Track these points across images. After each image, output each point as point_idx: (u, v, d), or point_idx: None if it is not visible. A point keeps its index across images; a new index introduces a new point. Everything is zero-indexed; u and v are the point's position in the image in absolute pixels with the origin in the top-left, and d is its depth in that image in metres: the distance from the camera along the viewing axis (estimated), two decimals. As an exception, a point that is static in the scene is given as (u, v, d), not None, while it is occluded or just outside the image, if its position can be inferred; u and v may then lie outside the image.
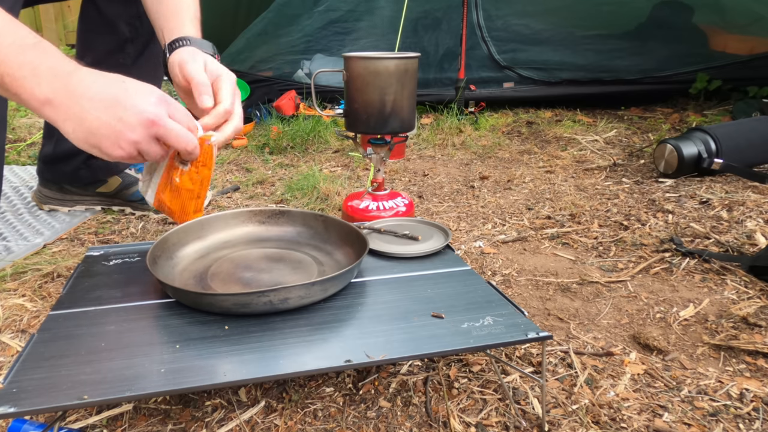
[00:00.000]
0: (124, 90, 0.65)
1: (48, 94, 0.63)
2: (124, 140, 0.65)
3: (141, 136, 0.66)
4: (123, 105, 0.64)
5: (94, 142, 0.65)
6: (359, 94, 1.14)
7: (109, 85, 0.65)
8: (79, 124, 0.64)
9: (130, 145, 0.66)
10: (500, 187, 1.64)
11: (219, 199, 1.55)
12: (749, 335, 0.90)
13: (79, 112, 0.63)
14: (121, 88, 0.65)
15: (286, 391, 0.79)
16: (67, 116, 0.64)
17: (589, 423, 0.72)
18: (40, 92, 0.63)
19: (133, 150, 0.67)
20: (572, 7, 2.56)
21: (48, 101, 0.63)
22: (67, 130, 0.65)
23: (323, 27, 2.57)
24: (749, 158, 1.61)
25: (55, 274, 1.11)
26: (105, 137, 0.65)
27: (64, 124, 0.64)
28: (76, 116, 0.64)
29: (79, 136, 0.65)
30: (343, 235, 0.93)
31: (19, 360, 0.63)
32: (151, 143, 0.67)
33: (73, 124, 0.64)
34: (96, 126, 0.64)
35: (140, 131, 0.65)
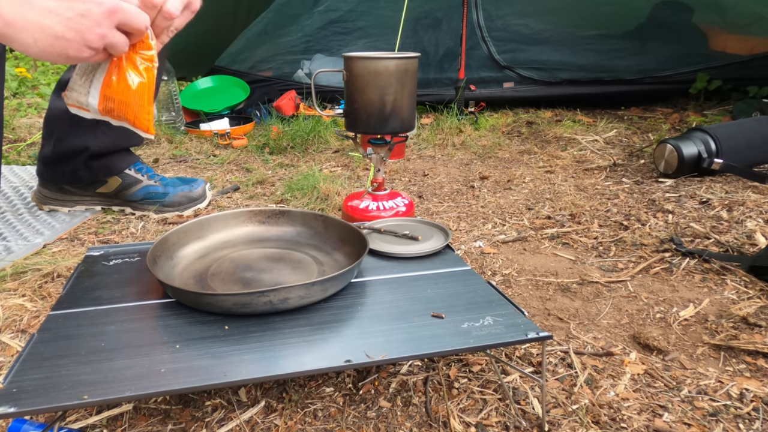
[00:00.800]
0: None
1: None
2: (91, 36, 0.60)
3: (107, 28, 0.61)
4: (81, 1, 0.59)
5: (60, 48, 0.60)
6: (359, 94, 1.14)
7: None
8: (41, 33, 0.58)
9: (98, 40, 0.61)
10: (500, 187, 1.64)
11: (219, 199, 1.55)
12: (749, 335, 0.90)
13: (35, 17, 0.58)
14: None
15: (286, 391, 0.79)
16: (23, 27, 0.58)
17: (589, 423, 0.72)
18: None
19: (100, 45, 0.62)
20: (572, 7, 2.56)
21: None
22: (27, 41, 0.59)
23: (323, 27, 2.57)
24: (749, 158, 1.61)
25: (55, 274, 1.11)
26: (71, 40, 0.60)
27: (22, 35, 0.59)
28: (34, 24, 0.58)
29: (41, 45, 0.59)
30: (343, 235, 0.93)
31: (19, 360, 0.63)
32: (116, 33, 0.62)
33: (32, 34, 0.59)
34: (60, 30, 0.59)
35: (105, 23, 0.61)
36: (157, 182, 1.43)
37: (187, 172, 1.81)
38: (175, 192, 1.43)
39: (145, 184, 1.42)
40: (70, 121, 1.32)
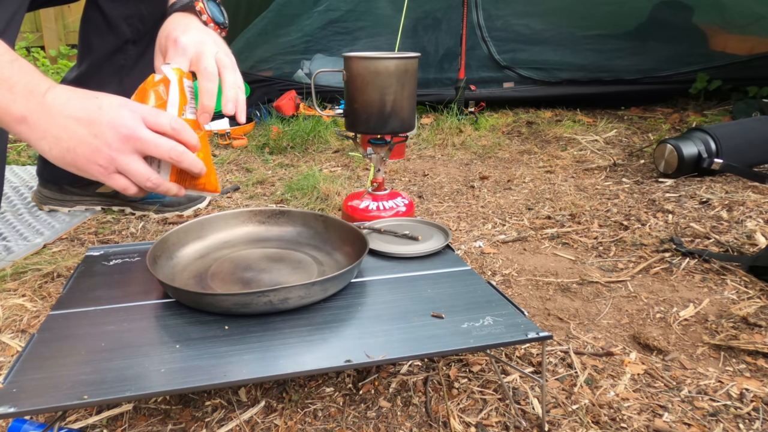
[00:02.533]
0: (98, 107, 0.64)
1: (23, 112, 0.62)
2: (101, 157, 0.64)
3: (118, 152, 0.64)
4: (98, 121, 0.63)
5: (71, 160, 0.65)
6: (359, 94, 1.14)
7: (83, 102, 0.64)
8: (55, 143, 0.63)
9: (107, 162, 0.65)
10: (500, 187, 1.64)
11: (219, 199, 1.55)
12: (749, 335, 0.90)
13: (54, 130, 0.63)
14: (95, 105, 0.64)
15: (286, 391, 0.79)
16: (42, 135, 0.63)
17: (589, 423, 0.72)
18: (16, 109, 0.62)
19: (110, 166, 0.65)
20: (572, 7, 2.56)
21: (23, 119, 0.63)
22: (43, 148, 0.64)
23: (323, 27, 2.57)
24: (749, 158, 1.61)
25: (55, 274, 1.11)
26: (82, 155, 0.64)
27: (40, 142, 0.64)
28: (51, 135, 0.63)
29: (55, 154, 0.64)
30: (343, 235, 0.93)
31: (19, 360, 0.63)
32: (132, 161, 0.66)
33: (49, 142, 0.64)
34: (73, 144, 0.63)
35: (117, 146, 0.64)
36: (157, 182, 1.43)
37: (187, 172, 1.81)
38: (175, 192, 1.43)
39: (145, 184, 1.41)
40: None
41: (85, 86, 1.29)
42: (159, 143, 0.66)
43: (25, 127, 0.63)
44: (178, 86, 0.74)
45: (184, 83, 0.75)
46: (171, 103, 0.73)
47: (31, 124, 0.63)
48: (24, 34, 3.92)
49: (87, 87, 1.30)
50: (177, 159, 0.68)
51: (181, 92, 0.74)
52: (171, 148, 0.67)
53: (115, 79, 1.29)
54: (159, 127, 0.67)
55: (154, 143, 0.66)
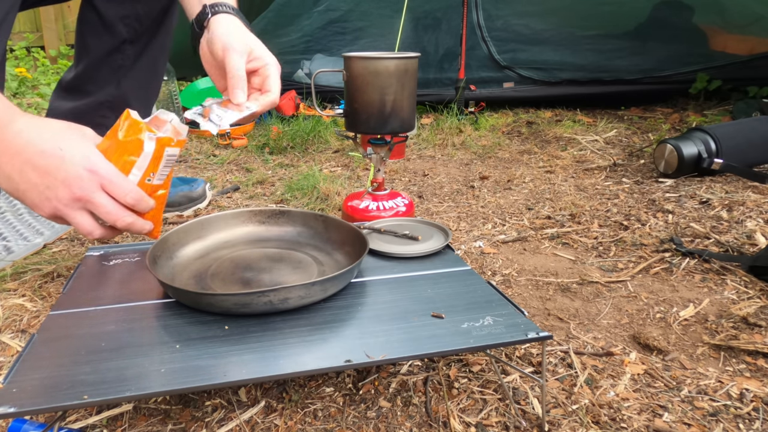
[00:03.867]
0: (60, 161, 0.62)
1: None
2: (49, 206, 0.64)
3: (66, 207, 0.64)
4: (54, 176, 0.62)
5: (19, 198, 0.65)
6: (359, 94, 1.14)
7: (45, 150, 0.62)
8: (6, 180, 0.63)
9: (53, 212, 0.65)
10: (500, 187, 1.64)
11: (219, 199, 1.55)
12: (749, 335, 0.90)
13: (8, 169, 0.62)
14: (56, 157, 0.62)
15: (286, 391, 0.79)
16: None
17: (589, 423, 0.72)
18: None
19: (54, 215, 0.66)
20: (572, 7, 2.56)
21: None
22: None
23: (323, 27, 2.57)
24: (749, 158, 1.61)
25: (55, 274, 1.11)
26: (30, 200, 0.64)
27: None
28: (4, 173, 0.62)
29: (4, 187, 0.64)
30: (343, 235, 0.93)
31: (19, 360, 0.63)
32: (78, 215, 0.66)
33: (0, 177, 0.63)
34: (23, 188, 0.63)
35: (67, 202, 0.64)
36: (157, 182, 1.43)
37: (187, 172, 1.81)
38: (175, 192, 1.43)
39: (145, 185, 1.41)
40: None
41: (83, 87, 1.30)
42: (109, 211, 0.66)
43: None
44: (151, 156, 0.71)
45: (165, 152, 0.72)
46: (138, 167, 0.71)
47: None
48: (24, 34, 3.92)
49: (84, 88, 1.30)
50: (124, 228, 0.69)
51: (153, 161, 0.72)
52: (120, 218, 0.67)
53: (112, 79, 1.29)
54: (116, 197, 0.67)
55: (105, 210, 0.66)
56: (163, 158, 0.73)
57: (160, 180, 0.75)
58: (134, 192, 0.67)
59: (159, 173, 0.73)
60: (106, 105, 1.31)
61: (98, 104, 1.31)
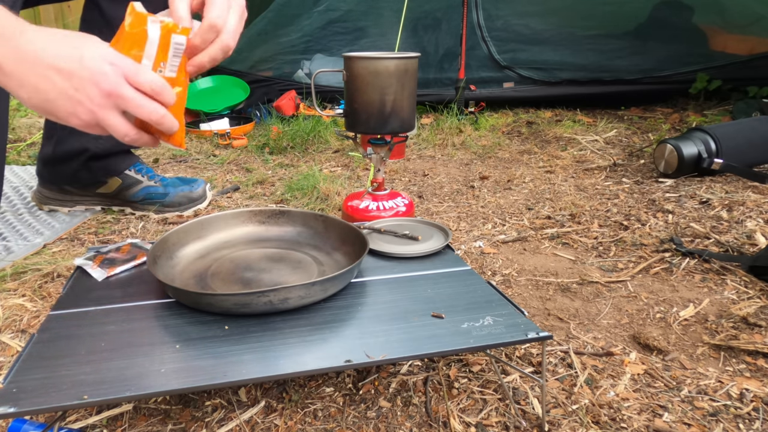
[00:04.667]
0: (79, 59, 0.60)
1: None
2: (82, 111, 0.62)
3: (99, 107, 0.62)
4: (79, 75, 0.60)
5: (51, 110, 0.62)
6: (359, 94, 1.14)
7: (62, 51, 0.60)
8: (35, 93, 0.61)
9: (87, 115, 0.62)
10: (500, 187, 1.64)
11: (219, 199, 1.55)
12: (749, 335, 0.90)
13: (33, 80, 0.60)
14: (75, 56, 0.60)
15: (286, 391, 0.79)
16: (20, 84, 0.60)
17: (589, 423, 0.72)
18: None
19: (91, 120, 0.63)
20: (572, 7, 2.56)
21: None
22: (21, 97, 0.62)
23: (323, 27, 2.57)
24: (749, 158, 1.61)
25: (55, 274, 1.11)
26: (62, 108, 0.62)
27: (18, 91, 0.61)
28: (30, 85, 0.60)
29: (34, 103, 0.62)
30: (343, 235, 0.93)
31: (19, 360, 0.63)
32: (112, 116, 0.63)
33: (27, 92, 0.61)
34: (53, 96, 0.61)
35: (99, 101, 0.61)
36: (157, 183, 1.43)
37: (187, 172, 1.81)
38: (176, 192, 1.43)
39: (146, 185, 1.41)
40: None
41: None
42: (141, 104, 0.63)
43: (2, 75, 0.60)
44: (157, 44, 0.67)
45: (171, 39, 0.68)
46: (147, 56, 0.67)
47: (6, 72, 0.60)
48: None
49: None
50: (157, 121, 0.66)
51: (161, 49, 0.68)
52: (153, 110, 0.64)
53: None
54: (139, 86, 0.64)
55: (136, 103, 0.63)
56: (171, 46, 0.69)
57: (172, 72, 0.70)
58: (157, 80, 0.64)
59: (169, 63, 0.69)
60: None
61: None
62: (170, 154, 2.00)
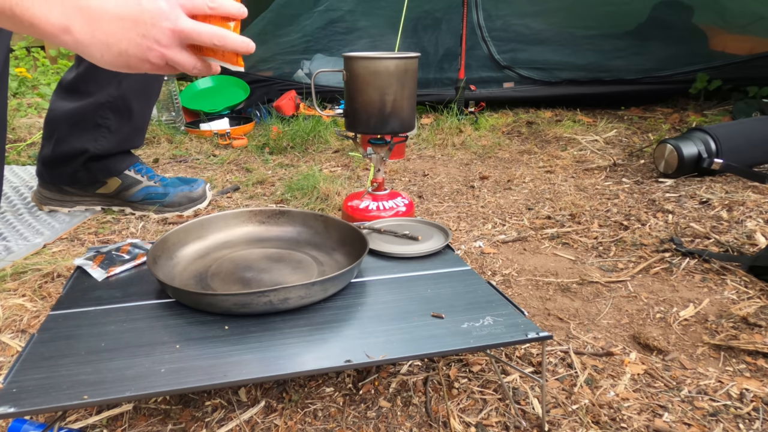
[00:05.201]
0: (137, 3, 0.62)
1: (63, 21, 0.60)
2: (153, 55, 0.64)
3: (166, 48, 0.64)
4: (142, 20, 0.62)
5: (124, 62, 0.64)
6: (359, 94, 1.14)
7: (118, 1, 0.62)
8: (106, 49, 0.62)
9: (159, 59, 0.65)
10: (500, 187, 1.64)
11: (219, 199, 1.55)
12: (749, 335, 0.90)
13: (101, 36, 0.61)
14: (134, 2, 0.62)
15: (286, 391, 0.79)
16: (90, 42, 0.62)
17: (589, 423, 0.72)
18: (55, 19, 0.59)
19: (162, 62, 0.65)
20: (572, 7, 2.56)
21: (65, 29, 0.60)
22: (94, 55, 0.63)
23: (323, 27, 2.57)
24: (749, 158, 1.61)
25: (55, 274, 1.11)
26: (134, 56, 0.63)
27: (89, 49, 0.63)
28: (99, 41, 0.62)
29: (108, 60, 0.64)
30: (343, 235, 0.93)
31: (19, 360, 0.63)
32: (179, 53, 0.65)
33: (99, 49, 0.62)
34: (123, 47, 0.62)
35: (166, 42, 0.64)
36: (157, 183, 1.43)
37: (187, 172, 1.81)
38: (175, 192, 1.43)
39: (145, 185, 1.42)
40: (70, 123, 1.32)
41: (84, 88, 1.30)
42: (201, 31, 0.65)
43: (70, 37, 0.61)
44: None
45: None
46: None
47: (74, 32, 0.61)
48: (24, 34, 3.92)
49: (85, 88, 1.31)
50: (221, 44, 0.67)
51: None
52: (213, 34, 0.65)
53: (113, 80, 1.29)
54: (198, 11, 0.65)
55: (196, 32, 0.65)
56: None
57: None
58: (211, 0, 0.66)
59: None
60: (107, 105, 1.31)
61: (99, 105, 1.31)
62: (170, 155, 2.00)
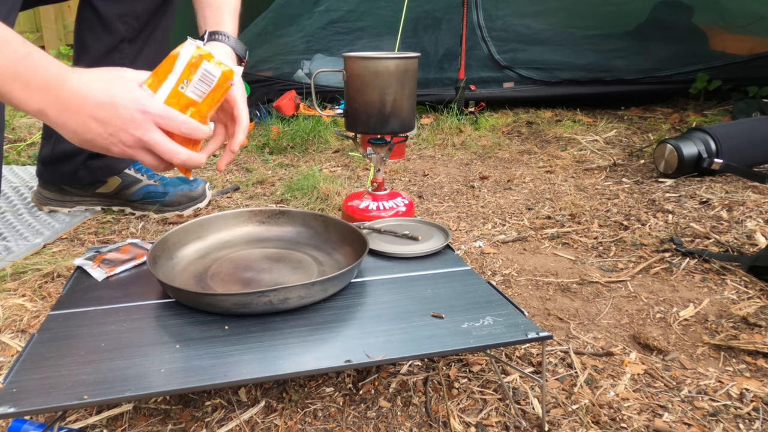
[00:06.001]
0: (114, 109, 0.68)
1: (40, 106, 0.66)
2: (115, 149, 0.70)
3: (131, 147, 0.71)
4: (113, 125, 0.68)
5: (88, 146, 0.71)
6: (359, 94, 1.14)
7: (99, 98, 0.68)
8: (73, 134, 0.69)
9: (121, 152, 0.71)
10: (500, 187, 1.64)
11: (219, 199, 1.55)
12: (749, 335, 0.90)
13: (73, 125, 0.68)
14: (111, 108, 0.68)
15: (286, 391, 0.79)
16: (62, 127, 0.69)
17: (589, 423, 0.72)
18: (33, 104, 0.66)
19: (124, 154, 0.71)
20: (572, 7, 2.56)
21: (41, 112, 0.67)
22: (62, 133, 0.70)
23: (323, 27, 2.57)
24: (749, 158, 1.61)
25: (55, 274, 1.11)
26: (99, 146, 0.70)
27: (60, 130, 0.69)
28: (70, 128, 0.68)
29: (74, 141, 0.70)
30: (343, 235, 0.93)
31: (19, 360, 0.63)
32: (141, 154, 0.72)
33: (68, 133, 0.69)
34: (90, 138, 0.69)
35: (130, 143, 0.70)
36: (156, 182, 1.43)
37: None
38: (175, 191, 1.43)
39: (145, 184, 1.41)
40: None
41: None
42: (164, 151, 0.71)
43: (45, 117, 0.68)
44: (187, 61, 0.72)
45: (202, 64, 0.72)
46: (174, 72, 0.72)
47: (49, 116, 0.67)
48: (24, 34, 3.91)
49: None
50: (180, 164, 0.73)
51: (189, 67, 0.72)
52: (175, 156, 0.72)
53: None
54: (171, 130, 0.71)
55: (161, 149, 0.71)
56: (200, 69, 0.72)
57: (195, 95, 0.73)
58: (188, 122, 0.71)
59: (192, 85, 0.72)
60: None
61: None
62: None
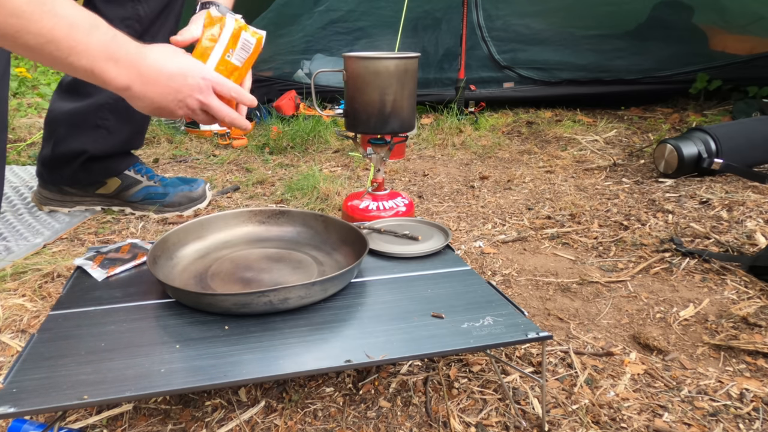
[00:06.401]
0: (184, 78, 0.81)
1: (128, 82, 0.76)
2: (181, 111, 0.83)
3: (193, 111, 0.84)
4: (183, 92, 0.81)
5: (159, 112, 0.82)
6: (359, 94, 1.14)
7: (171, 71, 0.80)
8: (149, 104, 0.80)
9: (184, 114, 0.84)
10: (500, 187, 1.64)
11: (219, 199, 1.55)
12: (749, 335, 0.90)
13: (152, 95, 0.79)
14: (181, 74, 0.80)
15: (286, 391, 0.79)
16: (141, 99, 0.79)
17: (589, 423, 0.72)
18: (122, 80, 0.75)
19: (185, 116, 0.85)
20: (572, 7, 2.56)
21: (127, 87, 0.76)
22: (137, 106, 0.80)
23: (323, 27, 2.57)
24: (749, 158, 1.61)
25: (55, 274, 1.11)
26: (167, 111, 0.82)
27: (136, 102, 0.79)
28: (147, 99, 0.79)
29: (146, 111, 0.81)
30: (343, 235, 0.93)
31: (19, 360, 0.63)
32: (200, 114, 0.86)
33: (143, 104, 0.80)
34: (162, 105, 0.81)
35: (195, 106, 0.84)
36: (156, 183, 1.43)
37: (187, 172, 1.81)
38: (175, 192, 1.43)
39: (145, 185, 1.41)
40: (70, 124, 1.32)
41: (84, 89, 1.31)
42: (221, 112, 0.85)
43: (128, 93, 0.77)
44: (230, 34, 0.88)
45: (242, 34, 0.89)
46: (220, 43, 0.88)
47: (133, 90, 0.77)
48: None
49: (85, 89, 1.31)
50: (230, 123, 0.88)
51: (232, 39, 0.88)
52: (227, 115, 0.86)
53: None
54: (223, 94, 0.85)
55: (218, 109, 0.85)
56: (240, 39, 0.89)
57: (239, 61, 0.90)
58: (236, 88, 0.87)
59: (236, 53, 0.89)
60: (107, 107, 1.31)
61: (98, 106, 1.31)
62: (170, 154, 2.00)
